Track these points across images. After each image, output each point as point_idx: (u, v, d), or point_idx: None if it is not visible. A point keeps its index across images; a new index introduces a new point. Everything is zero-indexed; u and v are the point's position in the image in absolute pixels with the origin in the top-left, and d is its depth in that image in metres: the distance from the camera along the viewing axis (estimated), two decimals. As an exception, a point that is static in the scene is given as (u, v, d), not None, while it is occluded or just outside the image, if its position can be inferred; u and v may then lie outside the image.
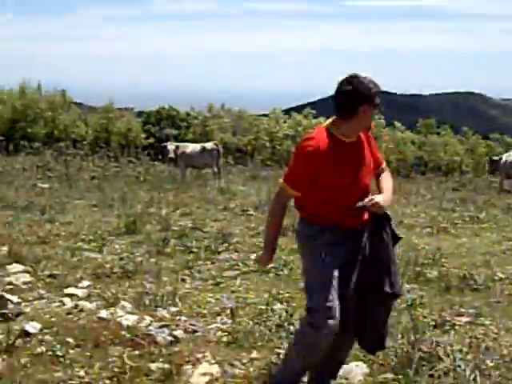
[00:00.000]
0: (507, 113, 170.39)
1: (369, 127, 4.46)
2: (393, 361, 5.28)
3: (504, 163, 20.57)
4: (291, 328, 6.01)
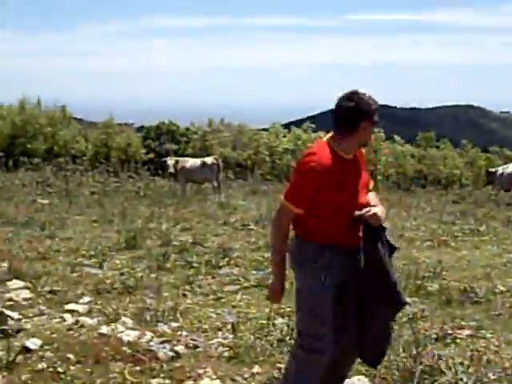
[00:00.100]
0: (507, 126, 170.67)
1: (367, 144, 4.42)
2: (395, 374, 5.26)
3: (500, 175, 20.66)
4: (293, 342, 5.99)
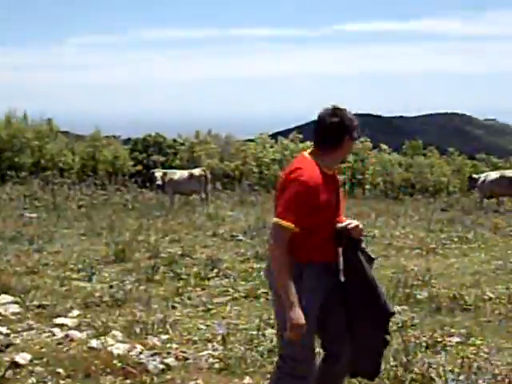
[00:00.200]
0: (491, 133, 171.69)
1: (345, 160, 4.47)
2: (385, 383, 5.27)
3: (482, 183, 20.76)
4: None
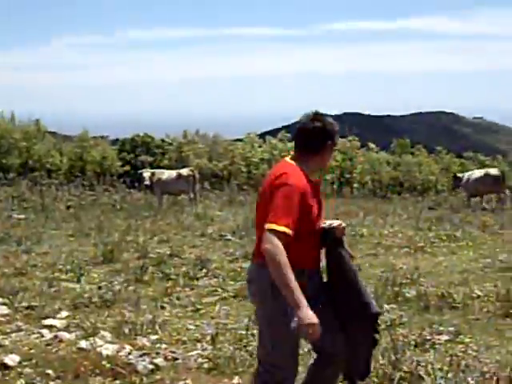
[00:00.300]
0: (478, 131, 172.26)
1: (327, 166, 4.50)
2: (374, 382, 5.28)
3: (466, 181, 20.78)
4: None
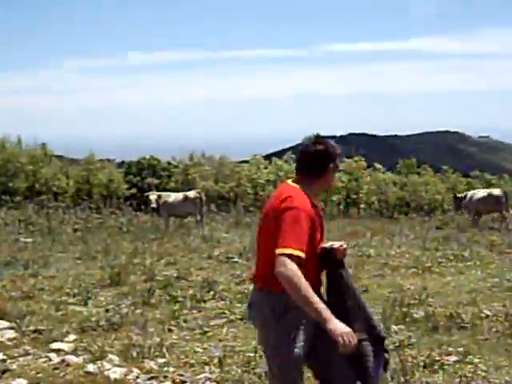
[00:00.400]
0: (484, 150, 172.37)
1: (330, 188, 4.53)
2: (384, 403, 5.26)
3: (469, 201, 20.78)
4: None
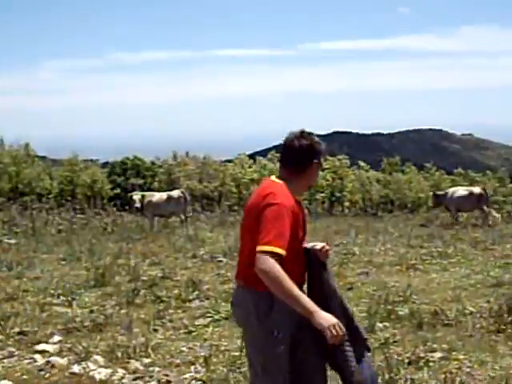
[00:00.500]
0: (467, 148, 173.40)
1: (313, 185, 4.51)
2: (369, 401, 5.26)
3: (450, 197, 21.11)
4: None
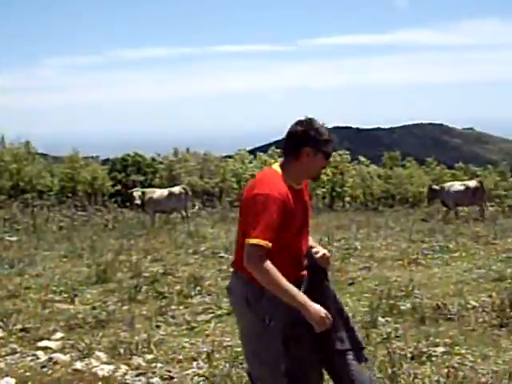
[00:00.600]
0: (468, 142, 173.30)
1: (315, 176, 4.20)
2: (372, 395, 5.26)
3: (447, 192, 21.23)
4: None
